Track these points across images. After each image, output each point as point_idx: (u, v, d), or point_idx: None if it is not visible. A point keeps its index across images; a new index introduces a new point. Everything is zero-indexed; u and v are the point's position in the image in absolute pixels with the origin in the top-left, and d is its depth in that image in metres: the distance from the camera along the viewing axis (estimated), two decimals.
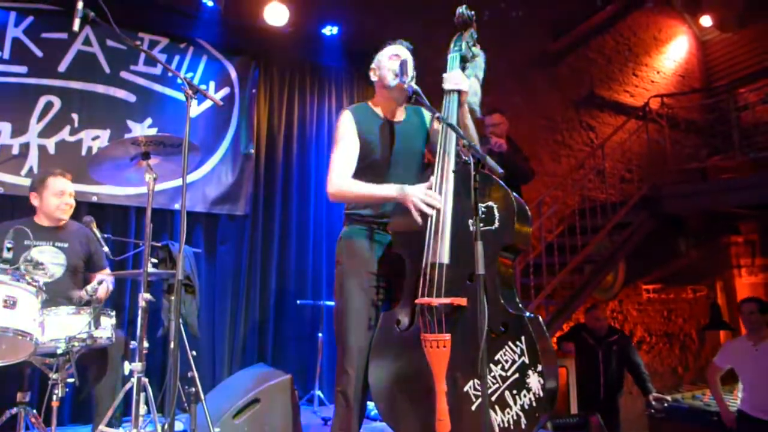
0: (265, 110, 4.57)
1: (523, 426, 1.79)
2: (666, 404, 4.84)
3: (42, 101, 3.72)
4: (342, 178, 2.19)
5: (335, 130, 2.33)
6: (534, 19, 6.25)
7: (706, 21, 8.02)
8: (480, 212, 1.96)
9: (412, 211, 1.98)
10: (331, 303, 3.94)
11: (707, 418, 4.81)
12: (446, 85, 2.18)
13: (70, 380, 2.28)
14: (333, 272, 2.33)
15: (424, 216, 1.98)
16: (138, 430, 2.20)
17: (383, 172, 2.24)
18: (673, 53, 8.34)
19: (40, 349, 2.23)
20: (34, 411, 2.37)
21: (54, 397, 2.23)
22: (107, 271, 3.13)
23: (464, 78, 2.20)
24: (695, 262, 7.30)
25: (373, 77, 2.37)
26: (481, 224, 1.95)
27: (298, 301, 4.30)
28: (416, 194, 1.99)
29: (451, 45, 2.31)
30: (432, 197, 1.99)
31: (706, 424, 4.82)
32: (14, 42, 3.67)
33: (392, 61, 2.27)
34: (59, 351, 2.26)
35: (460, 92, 2.17)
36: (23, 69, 3.68)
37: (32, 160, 3.65)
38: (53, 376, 2.24)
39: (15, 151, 3.61)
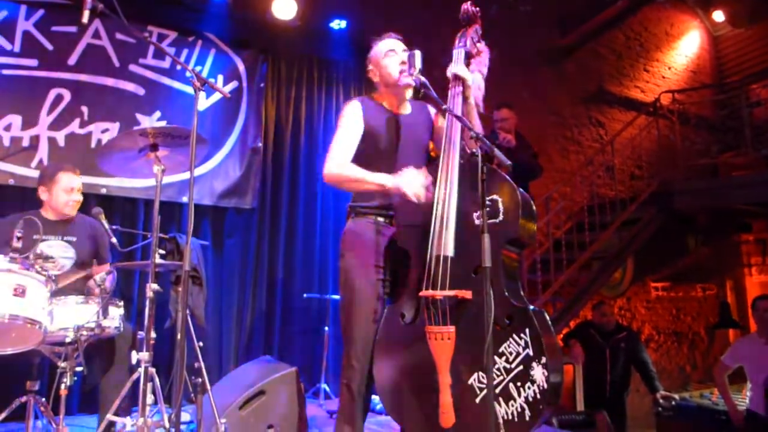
0: (272, 104, 4.58)
1: (527, 418, 1.79)
2: (674, 403, 4.81)
3: (52, 94, 3.75)
4: (339, 161, 2.19)
5: (340, 115, 2.33)
6: (543, 14, 6.21)
7: (718, 16, 7.93)
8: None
9: (409, 197, 1.97)
10: (338, 297, 3.96)
11: (715, 417, 4.77)
12: (449, 73, 2.17)
13: (78, 369, 2.30)
14: (339, 266, 2.33)
15: (419, 204, 1.97)
16: (145, 420, 2.21)
17: (389, 164, 2.23)
18: (685, 49, 8.26)
19: (49, 338, 2.26)
20: (43, 399, 2.40)
21: (62, 385, 2.25)
22: (107, 266, 3.14)
23: (467, 71, 2.19)
24: (705, 260, 7.24)
25: (374, 77, 2.37)
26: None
27: (305, 295, 4.32)
28: (409, 181, 1.99)
29: (456, 41, 2.31)
30: (420, 180, 1.98)
31: (714, 423, 4.79)
32: (25, 35, 3.70)
33: (390, 58, 2.28)
34: (68, 340, 2.29)
35: (464, 85, 2.16)
36: (34, 62, 3.71)
37: (42, 152, 3.68)
38: (62, 364, 2.26)
39: (25, 143, 3.65)
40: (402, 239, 2.18)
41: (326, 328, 4.14)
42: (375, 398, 3.12)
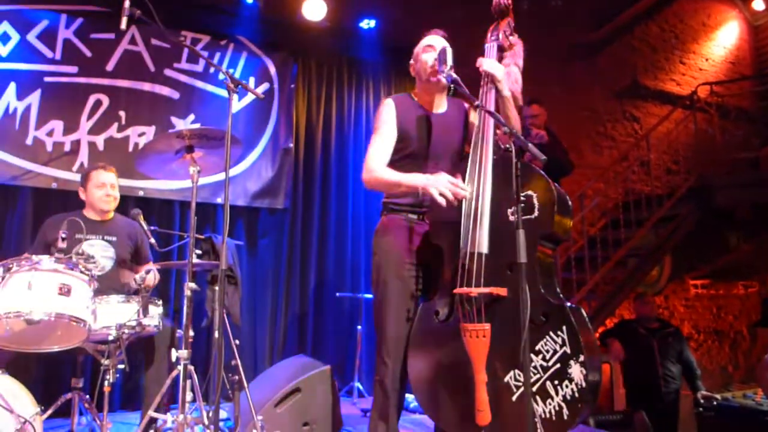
0: (303, 105, 4.63)
1: (565, 417, 1.77)
2: (715, 403, 4.67)
3: (91, 100, 3.87)
4: (377, 165, 2.19)
5: (375, 117, 2.33)
6: (575, 7, 6.10)
7: (758, 5, 7.68)
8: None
9: (435, 197, 1.95)
10: (370, 296, 3.97)
11: (760, 418, 4.62)
12: (482, 68, 2.16)
13: (121, 366, 2.37)
14: (371, 264, 2.34)
15: (450, 203, 1.96)
16: (185, 416, 2.26)
17: (421, 164, 2.23)
18: (723, 39, 7.99)
19: (93, 336, 2.33)
20: (87, 396, 2.47)
21: (106, 382, 2.32)
22: (151, 263, 3.23)
23: (498, 65, 2.17)
24: (746, 257, 7.00)
25: (412, 71, 2.37)
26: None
27: (338, 294, 4.35)
28: (439, 181, 1.97)
29: (488, 35, 2.29)
30: (456, 185, 1.97)
31: (758, 424, 4.64)
32: (65, 43, 3.82)
33: (427, 53, 2.27)
34: (110, 337, 2.36)
35: (496, 79, 2.14)
36: (74, 69, 3.83)
37: (83, 156, 3.80)
38: (105, 362, 2.33)
39: (67, 147, 3.77)
40: (435, 236, 2.17)
41: (359, 327, 4.16)
42: (409, 397, 3.13)
